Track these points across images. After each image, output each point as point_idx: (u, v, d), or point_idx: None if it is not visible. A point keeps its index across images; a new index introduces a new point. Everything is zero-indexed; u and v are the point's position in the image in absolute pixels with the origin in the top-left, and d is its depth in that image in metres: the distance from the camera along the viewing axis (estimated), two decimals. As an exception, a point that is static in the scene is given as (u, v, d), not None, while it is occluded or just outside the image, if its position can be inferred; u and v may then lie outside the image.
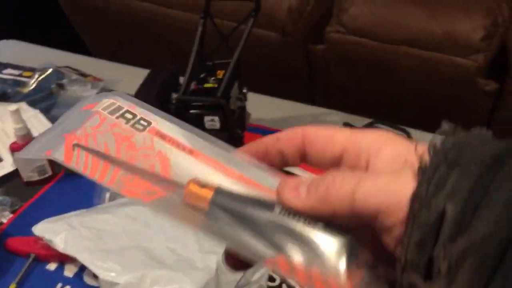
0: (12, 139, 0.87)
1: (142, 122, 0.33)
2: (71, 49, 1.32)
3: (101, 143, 0.32)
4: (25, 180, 0.89)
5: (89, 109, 0.34)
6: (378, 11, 1.18)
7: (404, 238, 0.24)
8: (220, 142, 0.33)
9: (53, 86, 1.14)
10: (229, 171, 0.33)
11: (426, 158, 0.25)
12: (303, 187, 0.28)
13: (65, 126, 0.33)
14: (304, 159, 0.32)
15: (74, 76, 1.16)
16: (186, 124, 0.34)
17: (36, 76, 1.16)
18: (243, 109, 0.93)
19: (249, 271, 0.69)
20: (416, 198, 0.24)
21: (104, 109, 0.33)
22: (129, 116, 0.33)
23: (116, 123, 0.33)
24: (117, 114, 0.33)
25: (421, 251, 0.24)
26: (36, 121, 1.03)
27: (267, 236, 0.31)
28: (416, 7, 1.16)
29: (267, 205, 0.31)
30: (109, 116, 0.33)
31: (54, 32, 1.70)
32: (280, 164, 0.33)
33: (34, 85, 1.14)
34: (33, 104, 1.09)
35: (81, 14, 1.61)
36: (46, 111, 1.06)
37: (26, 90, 1.14)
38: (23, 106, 1.07)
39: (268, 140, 0.32)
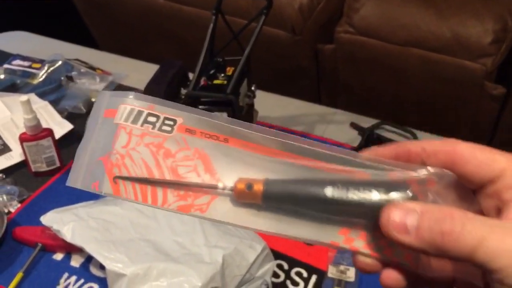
0: (22, 129, 0.87)
1: (167, 122, 0.33)
2: (80, 42, 1.33)
3: (139, 161, 0.33)
4: (33, 170, 0.90)
5: (111, 119, 0.33)
6: (388, 12, 1.18)
7: None
8: (240, 122, 0.33)
9: (62, 78, 1.14)
10: (265, 149, 0.33)
11: None
12: (412, 221, 0.27)
13: (97, 145, 0.34)
14: None
15: (83, 69, 1.17)
16: (204, 112, 0.33)
17: (46, 68, 1.16)
18: (251, 106, 0.94)
19: (254, 267, 0.69)
20: None
21: (126, 119, 0.33)
22: (152, 119, 0.33)
23: (144, 132, 0.33)
24: (141, 121, 0.33)
25: None
26: (45, 112, 1.04)
27: (328, 212, 0.32)
28: (426, 9, 1.16)
29: (318, 184, 0.31)
30: (134, 126, 0.33)
31: (63, 25, 1.71)
32: None
33: (43, 77, 1.15)
34: (42, 95, 1.09)
35: (92, 8, 1.61)
36: (55, 103, 1.07)
37: (35, 81, 1.15)
38: (33, 97, 1.08)
39: (412, 147, 0.32)
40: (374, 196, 0.31)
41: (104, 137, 0.34)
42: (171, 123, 0.33)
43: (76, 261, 0.76)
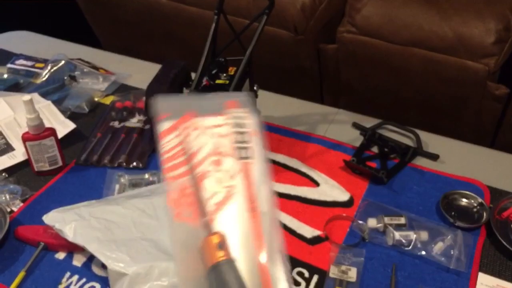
0: (24, 129, 0.88)
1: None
2: (83, 42, 1.33)
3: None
4: (36, 170, 0.91)
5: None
6: (391, 12, 1.18)
7: None
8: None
9: (66, 77, 1.15)
10: None
11: None
12: None
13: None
14: None
15: (86, 69, 1.17)
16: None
17: (49, 67, 1.17)
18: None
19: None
20: None
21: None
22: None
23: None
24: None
25: None
26: (48, 112, 1.04)
27: None
28: (428, 9, 1.15)
29: None
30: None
31: (67, 25, 1.71)
32: None
33: (46, 76, 1.16)
34: (45, 95, 1.10)
35: (95, 8, 1.61)
36: (58, 102, 1.07)
37: (38, 81, 1.15)
38: (36, 96, 1.08)
39: None
40: None
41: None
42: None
43: (78, 261, 0.76)
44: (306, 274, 0.74)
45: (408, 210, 0.83)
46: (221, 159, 0.35)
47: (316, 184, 0.89)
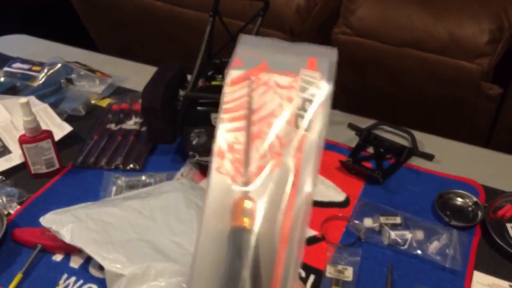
0: (21, 131, 0.88)
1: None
2: (79, 45, 1.33)
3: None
4: (33, 172, 0.91)
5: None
6: (385, 14, 1.19)
7: None
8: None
9: (62, 80, 1.15)
10: None
11: None
12: None
13: None
14: None
15: (83, 72, 1.17)
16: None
17: (45, 70, 1.17)
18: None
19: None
20: None
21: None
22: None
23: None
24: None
25: None
26: (45, 114, 1.04)
27: None
28: (422, 10, 1.16)
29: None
30: None
31: (63, 28, 1.72)
32: None
33: (43, 79, 1.16)
34: (42, 98, 1.10)
35: (91, 11, 1.62)
36: (54, 105, 1.08)
37: (35, 84, 1.15)
38: (32, 99, 1.08)
39: None
40: None
41: None
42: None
43: (75, 262, 0.76)
44: (303, 274, 0.75)
45: (404, 210, 0.84)
46: (279, 123, 0.35)
47: (312, 184, 0.90)
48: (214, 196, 0.35)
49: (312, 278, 0.74)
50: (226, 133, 0.35)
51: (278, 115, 0.35)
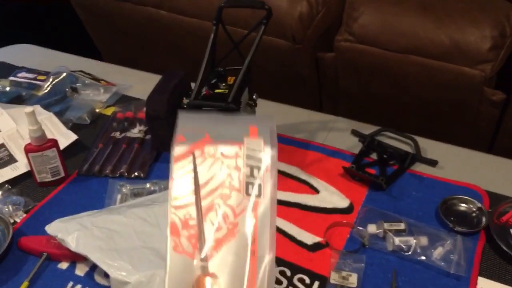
0: (27, 140, 0.89)
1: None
2: (84, 54, 1.35)
3: None
4: (38, 181, 0.91)
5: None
6: (387, 21, 1.20)
7: None
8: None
9: (67, 89, 1.16)
10: None
11: None
12: None
13: None
14: None
15: (88, 80, 1.18)
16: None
17: (51, 79, 1.18)
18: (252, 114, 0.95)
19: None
20: None
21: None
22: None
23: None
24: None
25: None
26: (50, 123, 1.05)
27: None
28: (424, 17, 1.17)
29: None
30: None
31: (68, 37, 1.73)
32: None
33: (48, 89, 1.17)
34: (47, 107, 1.11)
35: (95, 20, 1.63)
36: (60, 114, 1.09)
37: (40, 93, 1.17)
38: (38, 108, 1.09)
39: None
40: None
41: None
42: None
43: (81, 270, 0.77)
44: (307, 280, 0.75)
45: (408, 216, 0.84)
46: (230, 193, 0.35)
47: (316, 191, 0.90)
48: (174, 277, 0.35)
49: (316, 284, 0.74)
50: (178, 210, 0.36)
51: (228, 185, 0.36)
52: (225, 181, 0.35)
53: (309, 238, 0.81)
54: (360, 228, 0.82)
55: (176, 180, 0.36)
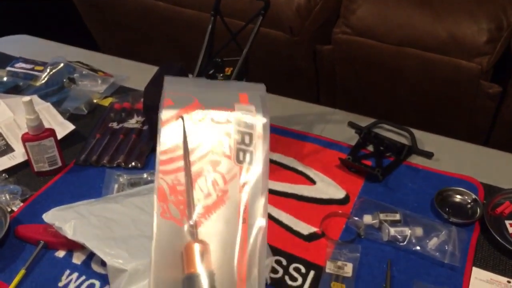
0: (24, 130, 0.89)
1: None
2: (81, 45, 1.34)
3: None
4: (36, 170, 0.92)
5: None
6: (384, 13, 1.20)
7: None
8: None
9: (65, 80, 1.16)
10: None
11: None
12: None
13: None
14: None
15: (85, 71, 1.18)
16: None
17: (48, 70, 1.18)
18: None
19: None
20: None
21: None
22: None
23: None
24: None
25: None
26: (48, 113, 1.05)
27: None
28: (422, 10, 1.17)
29: None
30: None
31: (65, 28, 1.73)
32: None
33: (45, 79, 1.17)
34: (44, 97, 1.11)
35: (93, 11, 1.63)
36: (57, 104, 1.09)
37: (37, 83, 1.16)
38: (35, 98, 1.09)
39: None
40: None
41: None
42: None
43: (77, 259, 0.77)
44: (303, 269, 0.75)
45: (403, 207, 0.84)
46: (220, 159, 0.33)
47: (313, 182, 0.91)
48: (161, 243, 0.34)
49: (312, 273, 0.75)
50: (166, 176, 0.34)
51: (218, 151, 0.34)
52: (215, 147, 0.34)
53: (305, 228, 0.82)
54: (356, 218, 0.83)
55: (166, 144, 0.35)
